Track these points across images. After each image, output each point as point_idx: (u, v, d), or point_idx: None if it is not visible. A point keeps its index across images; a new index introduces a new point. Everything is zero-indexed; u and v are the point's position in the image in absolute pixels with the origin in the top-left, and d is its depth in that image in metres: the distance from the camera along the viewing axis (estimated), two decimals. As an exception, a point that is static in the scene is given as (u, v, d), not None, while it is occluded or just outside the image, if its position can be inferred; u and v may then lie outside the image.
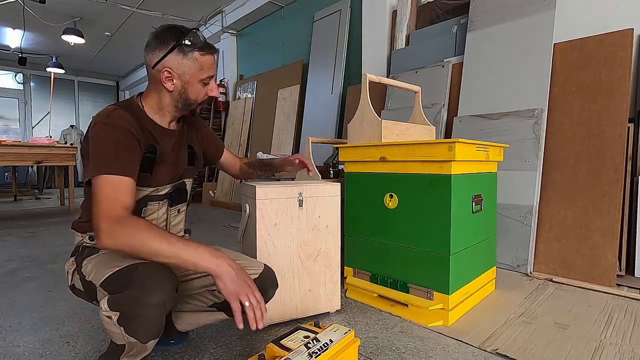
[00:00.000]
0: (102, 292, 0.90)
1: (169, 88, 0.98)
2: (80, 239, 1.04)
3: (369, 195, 1.58)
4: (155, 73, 0.98)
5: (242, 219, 1.41)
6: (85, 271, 0.97)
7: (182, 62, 0.96)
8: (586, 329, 1.32)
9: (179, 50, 0.95)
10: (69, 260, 1.06)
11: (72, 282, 1.03)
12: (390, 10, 3.12)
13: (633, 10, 1.95)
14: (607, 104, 1.85)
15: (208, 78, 1.01)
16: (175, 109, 1.03)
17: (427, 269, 1.39)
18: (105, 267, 0.91)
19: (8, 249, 2.55)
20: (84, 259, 0.99)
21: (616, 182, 1.79)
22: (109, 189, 0.85)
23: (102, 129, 0.90)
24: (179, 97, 1.00)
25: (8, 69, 8.00)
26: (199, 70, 0.98)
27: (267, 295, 1.07)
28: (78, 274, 0.99)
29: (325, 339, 0.90)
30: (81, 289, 0.99)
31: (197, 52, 0.96)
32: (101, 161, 0.87)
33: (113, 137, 0.89)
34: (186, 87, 0.99)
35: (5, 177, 7.43)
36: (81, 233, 1.04)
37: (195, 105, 1.04)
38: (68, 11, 5.23)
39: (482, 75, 2.31)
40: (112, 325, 0.81)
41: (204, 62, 0.98)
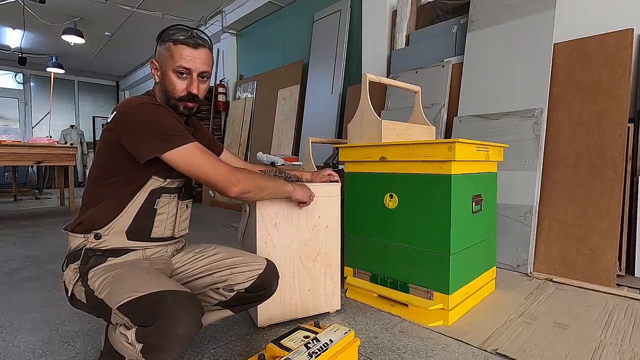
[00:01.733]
0: (120, 316, 0.84)
1: (155, 79, 1.04)
2: (81, 240, 0.97)
3: (369, 195, 1.58)
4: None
5: (242, 219, 1.41)
6: (94, 286, 0.91)
7: (160, 52, 1.01)
8: (586, 329, 1.32)
9: (160, 41, 1.01)
10: (67, 267, 0.98)
11: (72, 292, 0.96)
12: (390, 10, 3.12)
13: (633, 10, 1.95)
14: (607, 104, 1.85)
15: (181, 68, 0.98)
16: (166, 103, 1.03)
17: (427, 269, 1.39)
18: (122, 289, 0.86)
19: (8, 249, 2.55)
20: (89, 269, 0.94)
21: (616, 182, 1.79)
22: (201, 154, 0.94)
23: (153, 109, 0.94)
24: (162, 89, 1.03)
25: (8, 69, 8.00)
26: (170, 59, 0.98)
27: (272, 290, 1.12)
28: (82, 286, 0.93)
29: (325, 339, 0.90)
30: (83, 301, 0.94)
31: (171, 41, 0.98)
32: (175, 135, 0.92)
33: (171, 114, 0.97)
34: (163, 78, 1.01)
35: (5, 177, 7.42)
36: (84, 234, 0.97)
37: (175, 101, 1.01)
38: (68, 11, 5.23)
39: (482, 75, 2.31)
40: (132, 351, 0.81)
41: (176, 50, 0.98)
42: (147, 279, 0.89)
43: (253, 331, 1.31)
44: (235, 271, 1.07)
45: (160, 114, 0.94)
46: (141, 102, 0.95)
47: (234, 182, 0.95)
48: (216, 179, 0.94)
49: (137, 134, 0.91)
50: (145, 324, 0.79)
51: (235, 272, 1.07)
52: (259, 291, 1.09)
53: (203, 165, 0.93)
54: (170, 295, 0.81)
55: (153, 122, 0.91)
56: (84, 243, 0.97)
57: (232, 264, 1.08)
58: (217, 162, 0.96)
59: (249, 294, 1.07)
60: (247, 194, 1.00)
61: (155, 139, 0.90)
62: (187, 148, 0.92)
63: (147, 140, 0.90)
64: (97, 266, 0.95)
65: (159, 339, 0.78)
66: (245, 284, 1.06)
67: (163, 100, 1.03)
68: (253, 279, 1.07)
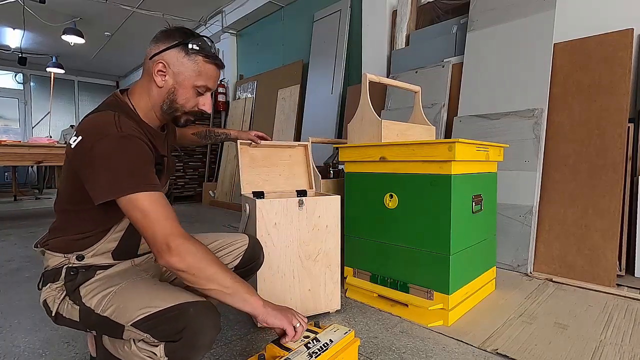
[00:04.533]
0: (137, 332, 0.81)
1: (159, 83, 0.91)
2: (61, 260, 0.90)
3: (369, 195, 1.58)
4: (150, 64, 0.92)
5: (242, 219, 1.41)
6: (91, 304, 0.86)
7: (182, 61, 0.91)
8: (586, 329, 1.32)
9: (182, 48, 0.90)
10: (47, 286, 0.90)
11: (57, 312, 0.90)
12: (390, 10, 3.12)
13: (633, 10, 1.95)
14: (607, 104, 1.85)
15: (203, 87, 0.94)
16: (160, 110, 0.94)
17: (427, 269, 1.39)
18: (133, 305, 0.83)
19: (8, 249, 2.55)
20: (78, 286, 0.89)
21: (616, 182, 1.79)
22: (157, 206, 0.79)
23: (120, 143, 0.80)
24: (166, 97, 0.93)
25: (8, 69, 8.00)
26: (197, 75, 0.92)
27: (260, 261, 1.15)
28: (75, 304, 0.88)
29: (325, 339, 0.90)
30: (75, 319, 0.88)
31: (201, 56, 0.91)
32: (135, 178, 0.79)
33: (136, 150, 0.82)
34: (177, 87, 0.92)
35: (5, 177, 7.42)
36: (64, 253, 0.90)
37: (180, 113, 0.95)
38: (68, 11, 5.23)
39: (482, 75, 2.31)
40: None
41: (204, 68, 0.92)
42: (157, 291, 0.86)
43: (253, 331, 1.31)
44: (222, 253, 1.08)
45: (124, 150, 0.80)
46: (105, 133, 0.80)
47: (180, 254, 0.77)
48: (165, 238, 0.77)
49: (94, 175, 0.80)
50: (172, 339, 0.78)
51: (222, 254, 1.08)
52: (248, 265, 1.12)
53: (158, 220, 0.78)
54: (191, 307, 0.79)
55: (120, 159, 0.80)
56: (65, 262, 0.90)
57: (216, 248, 1.08)
58: (174, 225, 0.79)
59: (240, 270, 1.09)
60: (183, 274, 0.78)
61: (121, 179, 0.78)
62: (148, 196, 0.79)
63: (103, 183, 0.79)
64: (87, 282, 0.90)
65: (188, 352, 0.78)
66: (235, 262, 1.09)
67: (162, 108, 0.94)
68: (241, 256, 1.10)
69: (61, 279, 0.89)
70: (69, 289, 0.89)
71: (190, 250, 0.78)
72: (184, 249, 0.78)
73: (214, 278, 0.80)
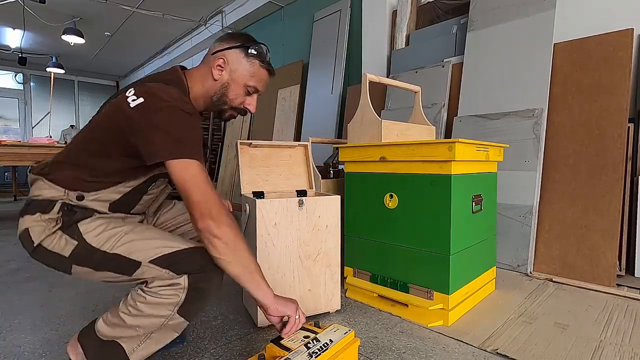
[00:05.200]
0: (157, 269, 0.85)
1: (215, 76, 1.01)
2: (59, 194, 0.91)
3: (369, 195, 1.58)
4: (210, 59, 1.02)
5: (242, 219, 1.41)
6: (95, 241, 0.88)
7: (240, 60, 1.02)
8: (586, 329, 1.32)
9: (243, 50, 1.02)
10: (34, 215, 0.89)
11: (40, 243, 0.89)
12: (390, 10, 3.12)
13: (633, 10, 1.95)
14: (607, 104, 1.85)
15: (253, 88, 1.05)
16: (210, 101, 1.04)
17: (427, 269, 1.39)
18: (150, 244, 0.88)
19: (8, 249, 2.55)
20: (77, 222, 0.90)
21: (616, 182, 1.79)
22: (204, 175, 0.86)
23: (183, 115, 0.88)
24: (219, 90, 1.02)
25: (8, 69, 8.00)
26: (250, 76, 1.03)
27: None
28: (70, 238, 0.89)
29: (325, 339, 0.90)
30: (62, 254, 0.89)
31: (258, 60, 1.03)
32: (193, 147, 0.86)
33: (196, 126, 0.91)
34: (231, 83, 1.02)
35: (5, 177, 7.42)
36: (65, 188, 0.91)
37: (227, 107, 1.05)
38: (68, 11, 5.23)
39: (482, 75, 2.31)
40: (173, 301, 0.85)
41: (258, 72, 1.04)
42: (172, 236, 0.93)
43: (253, 331, 1.31)
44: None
45: (185, 124, 0.87)
46: (172, 103, 0.87)
47: (215, 218, 0.83)
48: (198, 201, 0.83)
49: (152, 135, 0.85)
50: (194, 272, 0.86)
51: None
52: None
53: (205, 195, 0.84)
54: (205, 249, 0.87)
55: (175, 128, 0.86)
56: (62, 197, 0.91)
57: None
58: (208, 190, 0.85)
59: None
60: (216, 240, 0.84)
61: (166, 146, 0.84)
62: (198, 166, 0.85)
63: (158, 144, 0.84)
64: (86, 219, 0.91)
65: (208, 285, 0.87)
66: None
67: (212, 99, 1.03)
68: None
69: (54, 211, 0.90)
70: (65, 222, 0.90)
71: (228, 222, 0.85)
72: (224, 218, 0.85)
73: (241, 255, 0.87)
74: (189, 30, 6.14)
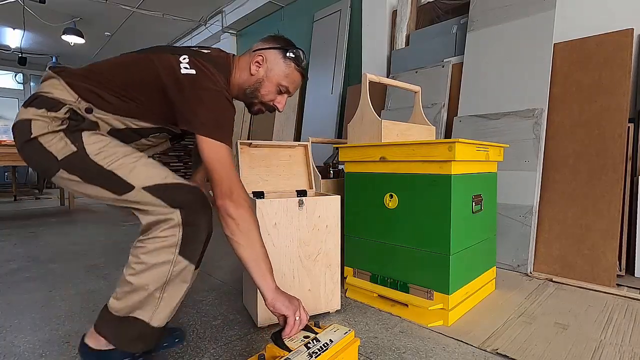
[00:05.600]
0: (146, 195, 0.89)
1: (252, 71, 1.08)
2: (71, 98, 0.91)
3: (369, 195, 1.58)
4: (251, 55, 1.10)
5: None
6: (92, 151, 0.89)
7: (278, 61, 1.09)
8: (586, 329, 1.32)
9: (282, 52, 1.09)
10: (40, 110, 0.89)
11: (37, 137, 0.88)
12: (390, 10, 3.12)
13: (633, 10, 1.95)
14: (607, 104, 1.85)
15: (285, 88, 1.12)
16: (242, 92, 1.11)
17: (427, 269, 1.39)
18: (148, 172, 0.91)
19: (8, 249, 2.55)
20: (82, 129, 0.91)
21: (616, 182, 1.79)
22: (231, 159, 0.92)
23: (227, 103, 0.96)
24: (253, 84, 1.09)
25: (8, 69, 8.00)
26: (284, 76, 1.10)
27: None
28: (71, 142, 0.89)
29: (325, 339, 0.90)
30: (55, 155, 0.88)
31: (294, 63, 1.10)
32: (228, 132, 0.93)
33: (233, 116, 0.98)
34: (265, 80, 1.09)
35: (5, 177, 7.42)
36: (79, 96, 0.92)
37: (257, 101, 1.12)
38: (68, 11, 5.23)
39: (482, 75, 2.31)
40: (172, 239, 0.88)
41: (292, 74, 1.11)
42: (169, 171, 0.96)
43: (253, 331, 1.31)
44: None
45: (226, 111, 0.96)
46: (218, 88, 0.95)
47: (235, 198, 0.90)
48: (221, 181, 0.91)
49: (196, 108, 0.91)
50: (182, 207, 0.89)
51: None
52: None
53: (228, 178, 0.91)
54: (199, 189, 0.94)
55: (217, 110, 0.93)
56: (73, 103, 0.92)
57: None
58: (233, 172, 0.93)
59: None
60: (230, 220, 0.90)
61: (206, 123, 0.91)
62: (227, 150, 0.92)
63: (200, 119, 0.91)
64: (91, 131, 0.93)
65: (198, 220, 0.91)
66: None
67: (245, 92, 1.10)
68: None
69: (61, 112, 0.90)
70: (71, 126, 0.91)
71: (246, 206, 0.91)
72: (242, 201, 0.91)
73: (252, 240, 0.92)
74: (189, 30, 6.14)
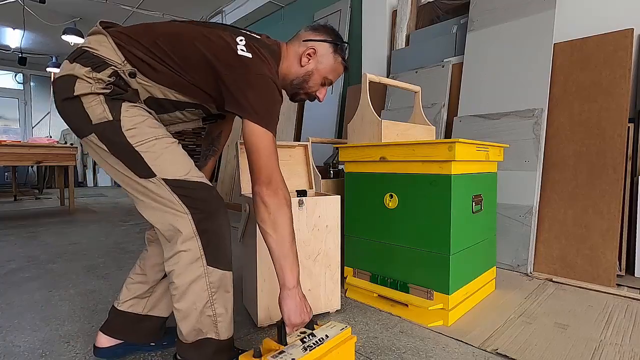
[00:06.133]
0: (164, 186, 0.89)
1: (303, 63, 1.07)
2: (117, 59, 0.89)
3: (369, 195, 1.58)
4: (301, 46, 1.08)
5: (242, 219, 1.41)
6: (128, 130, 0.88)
7: (328, 55, 1.09)
8: (586, 329, 1.32)
9: (332, 46, 1.09)
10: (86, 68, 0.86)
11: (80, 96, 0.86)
12: (390, 10, 3.12)
13: (633, 10, 1.95)
14: (607, 104, 1.85)
15: (329, 81, 1.13)
16: (287, 82, 1.09)
17: (427, 269, 1.39)
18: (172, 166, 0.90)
19: (8, 249, 2.55)
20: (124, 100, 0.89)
21: (616, 182, 1.79)
22: (274, 147, 0.91)
23: (277, 94, 0.95)
24: (302, 76, 1.09)
25: (8, 69, 8.00)
26: (332, 71, 1.11)
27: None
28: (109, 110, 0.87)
29: (321, 335, 0.91)
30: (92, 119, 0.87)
31: (341, 57, 1.11)
32: (274, 121, 0.92)
33: (279, 103, 0.96)
34: (314, 73, 1.09)
35: (5, 177, 7.43)
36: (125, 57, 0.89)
37: (302, 92, 1.13)
38: (68, 11, 5.23)
39: (482, 75, 2.31)
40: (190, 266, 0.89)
41: (338, 68, 1.12)
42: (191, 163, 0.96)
43: (253, 331, 1.31)
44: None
45: (276, 100, 0.95)
46: (272, 75, 0.94)
47: (272, 187, 0.89)
48: (260, 167, 0.89)
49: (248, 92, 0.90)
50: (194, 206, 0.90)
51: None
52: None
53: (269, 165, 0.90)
54: (214, 190, 0.95)
55: (268, 98, 0.92)
56: (118, 65, 0.89)
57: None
58: (274, 162, 0.91)
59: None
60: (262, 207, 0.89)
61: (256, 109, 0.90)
62: (271, 138, 0.91)
63: (251, 103, 0.89)
64: (132, 102, 0.91)
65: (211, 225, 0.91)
66: None
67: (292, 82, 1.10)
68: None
69: (106, 73, 0.88)
70: (114, 92, 0.88)
71: (281, 196, 0.90)
72: (280, 190, 0.90)
73: (282, 230, 0.90)
74: (189, 30, 6.13)
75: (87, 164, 8.57)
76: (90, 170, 8.56)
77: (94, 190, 7.50)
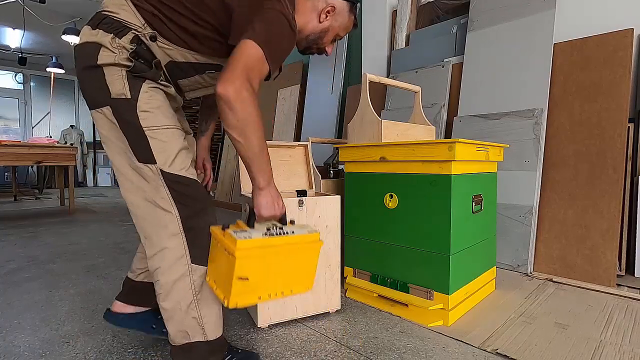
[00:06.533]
0: (160, 177, 0.89)
1: (321, 19, 1.06)
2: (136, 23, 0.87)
3: (369, 195, 1.58)
4: (321, 2, 1.05)
5: (242, 219, 1.41)
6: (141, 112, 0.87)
7: (345, 14, 1.09)
8: (586, 329, 1.32)
9: (349, 5, 1.09)
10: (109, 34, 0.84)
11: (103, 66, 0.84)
12: (390, 10, 3.12)
13: (633, 10, 1.95)
14: (607, 104, 1.85)
15: (339, 37, 1.14)
16: (304, 38, 1.08)
17: (427, 269, 1.39)
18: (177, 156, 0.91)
19: (8, 249, 2.55)
20: (145, 79, 0.88)
21: (616, 182, 1.79)
22: (259, 61, 0.84)
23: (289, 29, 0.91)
24: (318, 32, 1.08)
25: (8, 69, 8.00)
26: (344, 28, 1.12)
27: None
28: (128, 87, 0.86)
29: (289, 230, 0.89)
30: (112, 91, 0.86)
31: (354, 17, 1.12)
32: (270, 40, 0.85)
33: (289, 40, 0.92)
34: (330, 30, 1.09)
35: (5, 177, 7.43)
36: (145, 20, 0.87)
37: (314, 46, 1.13)
38: (68, 11, 5.23)
39: (482, 75, 2.31)
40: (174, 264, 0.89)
41: (350, 26, 1.14)
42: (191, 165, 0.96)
43: (253, 331, 1.31)
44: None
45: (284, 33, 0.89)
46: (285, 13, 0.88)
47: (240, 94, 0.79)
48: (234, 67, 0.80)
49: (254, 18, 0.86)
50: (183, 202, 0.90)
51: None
52: None
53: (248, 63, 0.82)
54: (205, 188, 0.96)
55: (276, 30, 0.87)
56: (139, 29, 0.87)
57: None
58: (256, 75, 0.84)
59: None
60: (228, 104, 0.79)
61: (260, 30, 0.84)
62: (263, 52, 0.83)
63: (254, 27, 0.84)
64: (152, 83, 0.90)
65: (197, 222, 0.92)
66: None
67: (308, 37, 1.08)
68: None
69: (127, 39, 0.86)
70: (135, 68, 0.86)
71: (253, 94, 0.82)
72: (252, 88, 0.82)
73: (251, 135, 0.84)
74: (189, 30, 6.13)
75: (87, 164, 8.58)
76: (90, 170, 8.57)
77: (94, 190, 7.50)
